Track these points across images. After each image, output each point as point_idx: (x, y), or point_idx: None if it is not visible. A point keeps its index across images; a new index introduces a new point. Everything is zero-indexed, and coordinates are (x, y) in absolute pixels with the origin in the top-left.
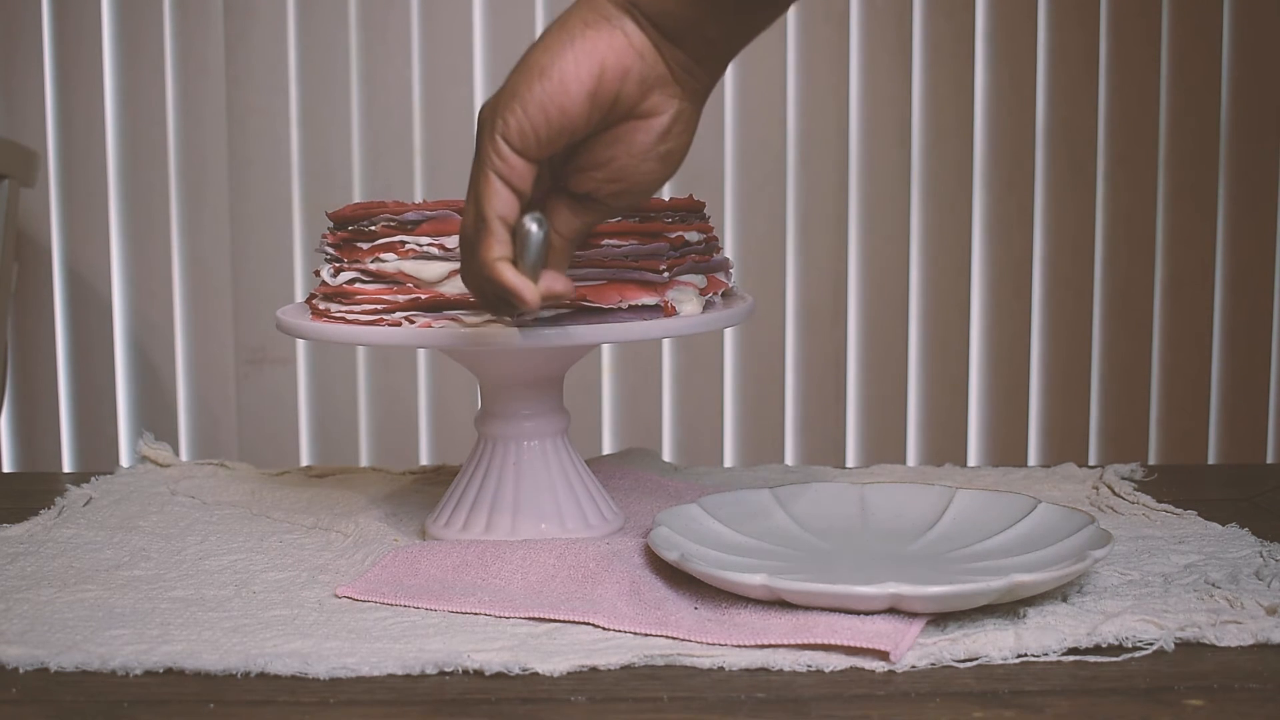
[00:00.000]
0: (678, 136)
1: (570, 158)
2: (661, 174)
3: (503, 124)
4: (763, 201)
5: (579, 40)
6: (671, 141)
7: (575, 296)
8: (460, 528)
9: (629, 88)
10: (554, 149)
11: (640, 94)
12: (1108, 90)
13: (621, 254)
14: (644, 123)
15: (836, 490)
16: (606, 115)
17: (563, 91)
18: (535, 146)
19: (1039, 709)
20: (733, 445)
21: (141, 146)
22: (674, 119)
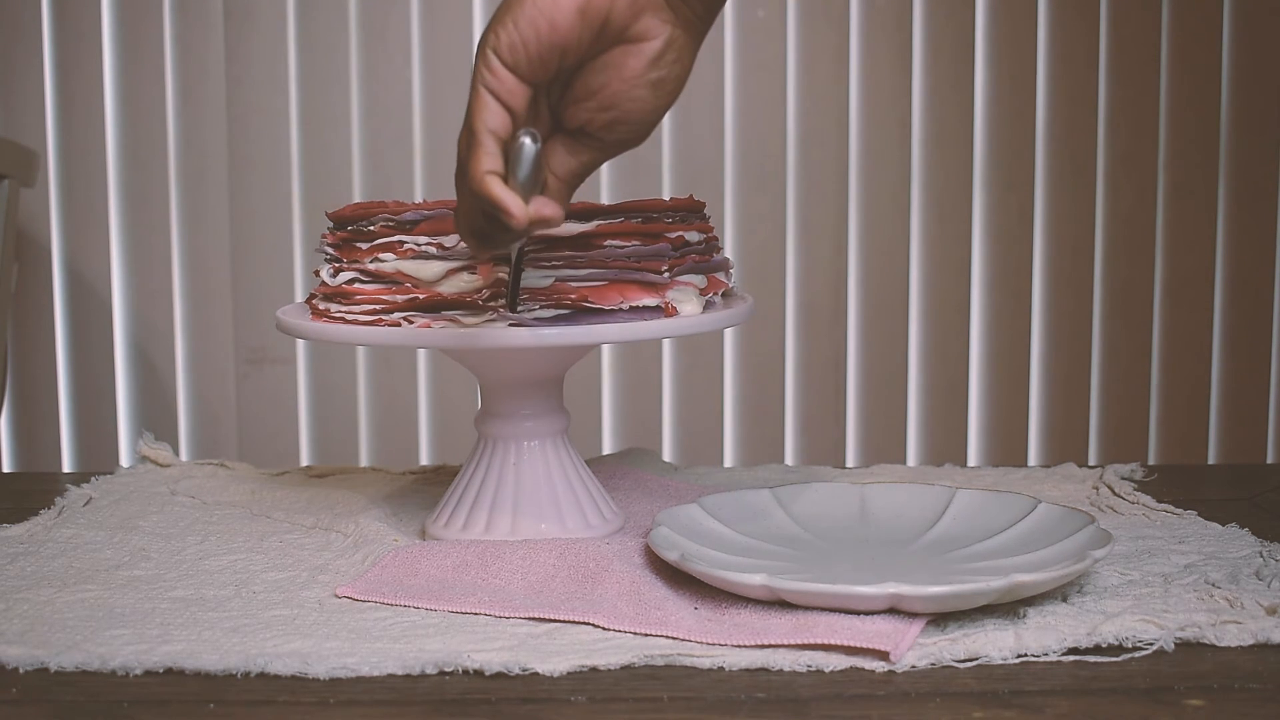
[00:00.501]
0: (670, 65)
1: (564, 92)
2: (654, 104)
3: (494, 38)
4: (763, 201)
5: None
6: (664, 69)
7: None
8: (460, 528)
9: (619, 7)
10: (546, 69)
11: (631, 15)
12: (1108, 90)
13: (624, 255)
14: (635, 47)
15: (836, 490)
16: (598, 36)
17: (553, 5)
18: (526, 62)
19: (1039, 709)
20: (733, 445)
21: (141, 146)
22: (666, 45)
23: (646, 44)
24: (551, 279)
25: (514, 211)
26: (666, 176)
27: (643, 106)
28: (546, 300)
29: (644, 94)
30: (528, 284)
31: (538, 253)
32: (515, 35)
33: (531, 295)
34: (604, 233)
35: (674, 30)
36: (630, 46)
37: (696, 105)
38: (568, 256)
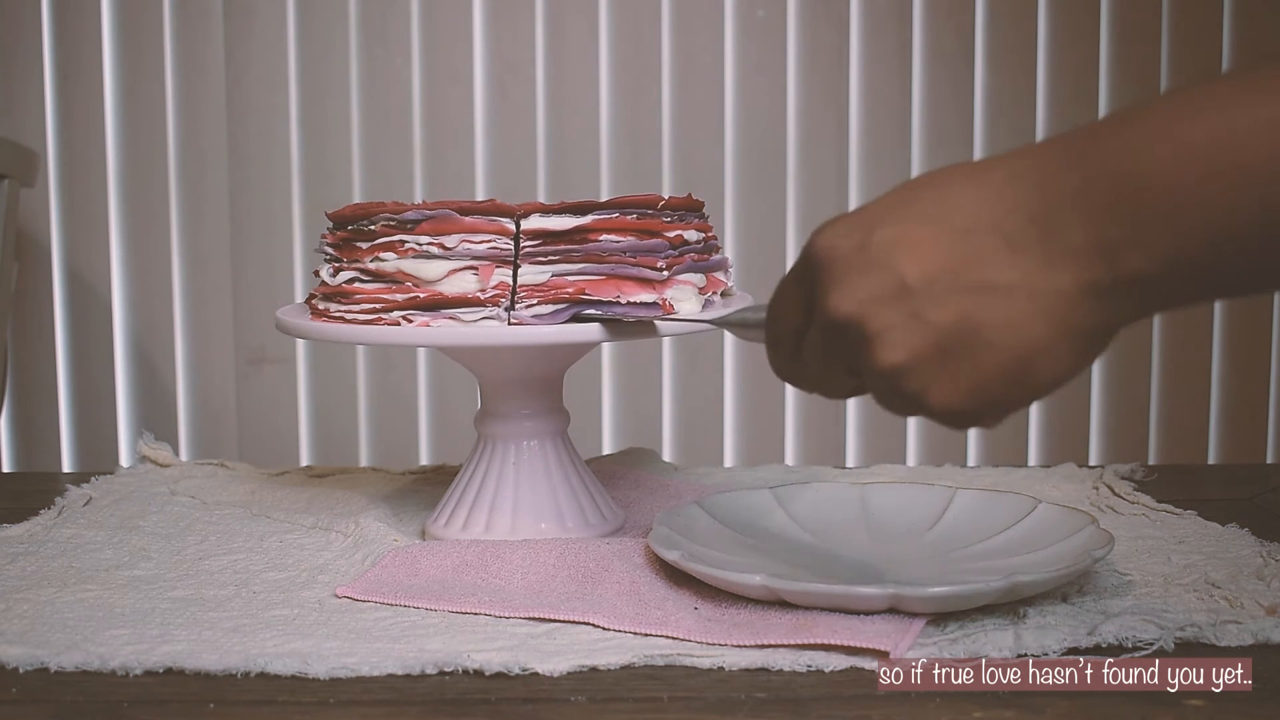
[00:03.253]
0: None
1: None
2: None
3: (931, 395)
4: (763, 201)
5: (1078, 351)
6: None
7: (575, 291)
8: (460, 528)
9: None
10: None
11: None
12: (1108, 90)
13: (620, 249)
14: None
15: (836, 490)
16: None
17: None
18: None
19: (1039, 709)
20: (733, 445)
21: (141, 146)
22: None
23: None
24: (548, 274)
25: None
26: (666, 176)
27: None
28: (544, 296)
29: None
30: (524, 280)
31: (533, 248)
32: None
33: (529, 292)
34: (599, 227)
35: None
36: None
37: (696, 105)
38: (563, 251)
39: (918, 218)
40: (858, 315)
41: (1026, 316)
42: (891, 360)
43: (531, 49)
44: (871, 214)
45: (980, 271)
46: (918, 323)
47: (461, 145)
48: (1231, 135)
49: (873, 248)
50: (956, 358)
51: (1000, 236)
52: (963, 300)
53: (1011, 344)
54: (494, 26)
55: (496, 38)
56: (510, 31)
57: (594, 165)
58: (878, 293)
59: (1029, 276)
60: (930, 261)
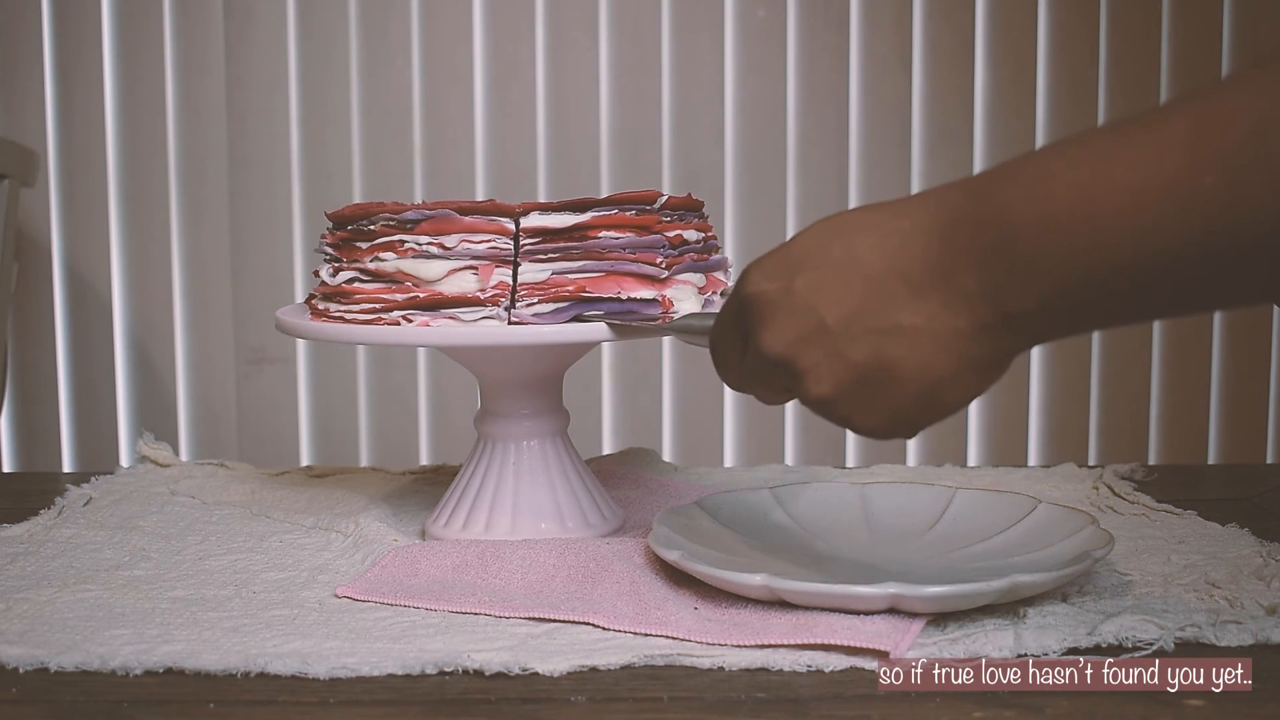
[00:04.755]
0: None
1: None
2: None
3: (845, 416)
4: (763, 201)
5: (979, 377)
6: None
7: (576, 288)
8: (460, 528)
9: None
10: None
11: None
12: (1107, 90)
13: (619, 246)
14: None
15: (836, 490)
16: None
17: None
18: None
19: (1039, 709)
20: (733, 445)
21: (141, 146)
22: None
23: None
24: (548, 272)
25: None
26: (666, 176)
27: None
28: (544, 294)
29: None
30: (524, 279)
31: (533, 246)
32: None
33: (529, 290)
34: (598, 224)
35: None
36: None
37: (696, 105)
38: (563, 249)
39: (833, 264)
40: (787, 354)
41: (931, 353)
42: (819, 393)
43: (531, 49)
44: (793, 258)
45: (889, 315)
46: (839, 360)
47: (461, 145)
48: (1087, 197)
49: (795, 292)
50: (875, 389)
51: (905, 283)
52: (875, 340)
53: (920, 376)
54: (494, 26)
55: (496, 38)
56: (510, 31)
57: (594, 165)
58: (802, 333)
59: (931, 319)
60: (845, 305)
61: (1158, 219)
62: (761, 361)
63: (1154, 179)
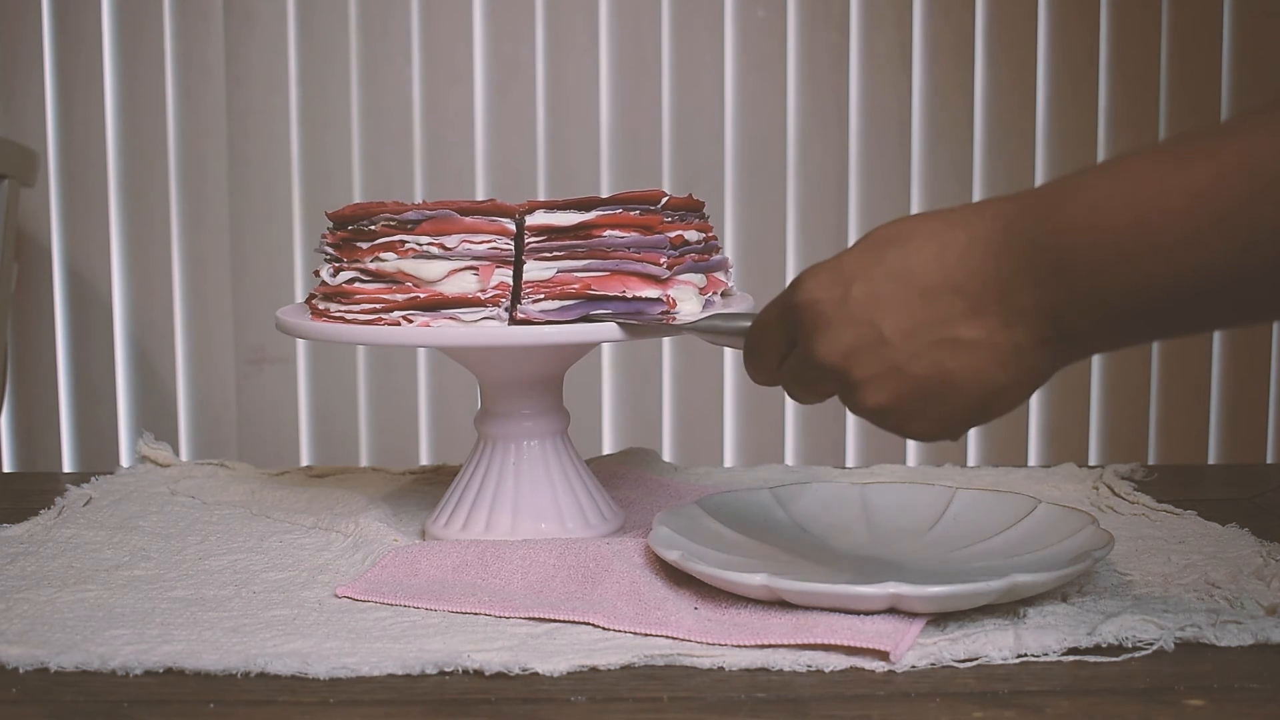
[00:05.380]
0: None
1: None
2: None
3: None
4: (763, 201)
5: (1031, 387)
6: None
7: (581, 287)
8: (460, 528)
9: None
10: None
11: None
12: (1108, 90)
13: (624, 245)
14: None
15: (836, 490)
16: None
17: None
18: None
19: (1039, 709)
20: (733, 445)
21: (141, 146)
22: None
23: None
24: (553, 270)
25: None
26: (666, 176)
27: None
28: (550, 291)
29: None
30: (529, 277)
31: (538, 244)
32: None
33: (534, 288)
34: (602, 223)
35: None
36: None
37: (696, 105)
38: (568, 247)
39: (888, 276)
40: (842, 364)
41: (989, 365)
42: (875, 402)
43: (531, 49)
44: (847, 268)
45: (949, 329)
46: (897, 372)
47: (461, 145)
48: (1145, 224)
49: (851, 303)
50: (931, 399)
51: (963, 297)
52: (935, 352)
53: (977, 388)
54: (494, 26)
55: (496, 38)
56: (510, 31)
57: (594, 165)
58: (859, 344)
59: (990, 333)
60: (905, 319)
61: (1217, 245)
62: (811, 368)
63: (1213, 207)
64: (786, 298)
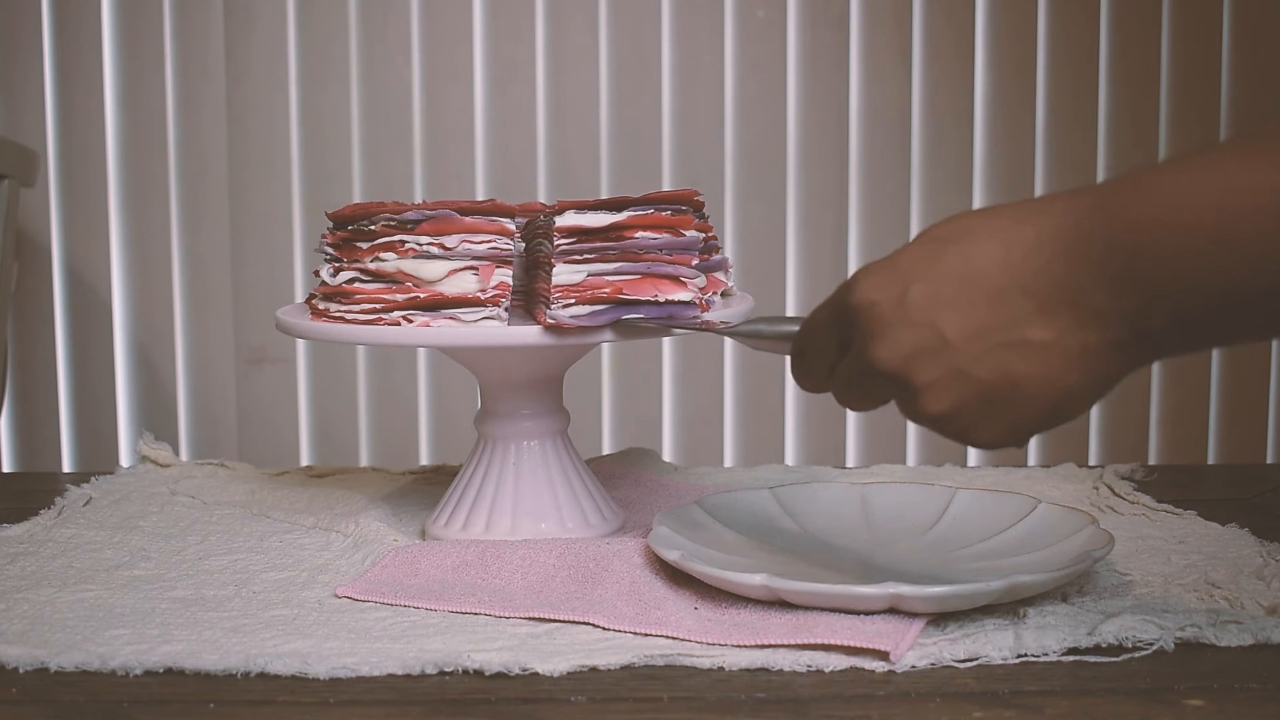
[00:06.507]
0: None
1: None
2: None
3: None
4: (762, 201)
5: (1103, 390)
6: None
7: (613, 291)
8: (460, 528)
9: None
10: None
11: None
12: (1108, 90)
13: (656, 246)
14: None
15: (836, 490)
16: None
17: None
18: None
19: (1039, 709)
20: (733, 445)
21: (141, 146)
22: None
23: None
24: (583, 274)
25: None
26: (666, 176)
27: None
28: (581, 296)
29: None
30: (558, 281)
31: (568, 246)
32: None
33: (564, 292)
34: (634, 224)
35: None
36: None
37: (696, 105)
38: (599, 249)
39: (949, 275)
40: (901, 369)
41: (1059, 368)
42: (937, 409)
43: (531, 49)
44: (905, 268)
45: (1016, 331)
46: (961, 377)
47: (461, 145)
48: (1224, 222)
49: (910, 304)
50: (998, 404)
51: (1031, 298)
52: (1001, 355)
53: (1048, 392)
54: (494, 26)
55: (496, 38)
56: (510, 31)
57: (594, 165)
58: (920, 348)
59: (1062, 336)
60: (969, 321)
61: None
62: (866, 374)
63: None
64: (839, 300)
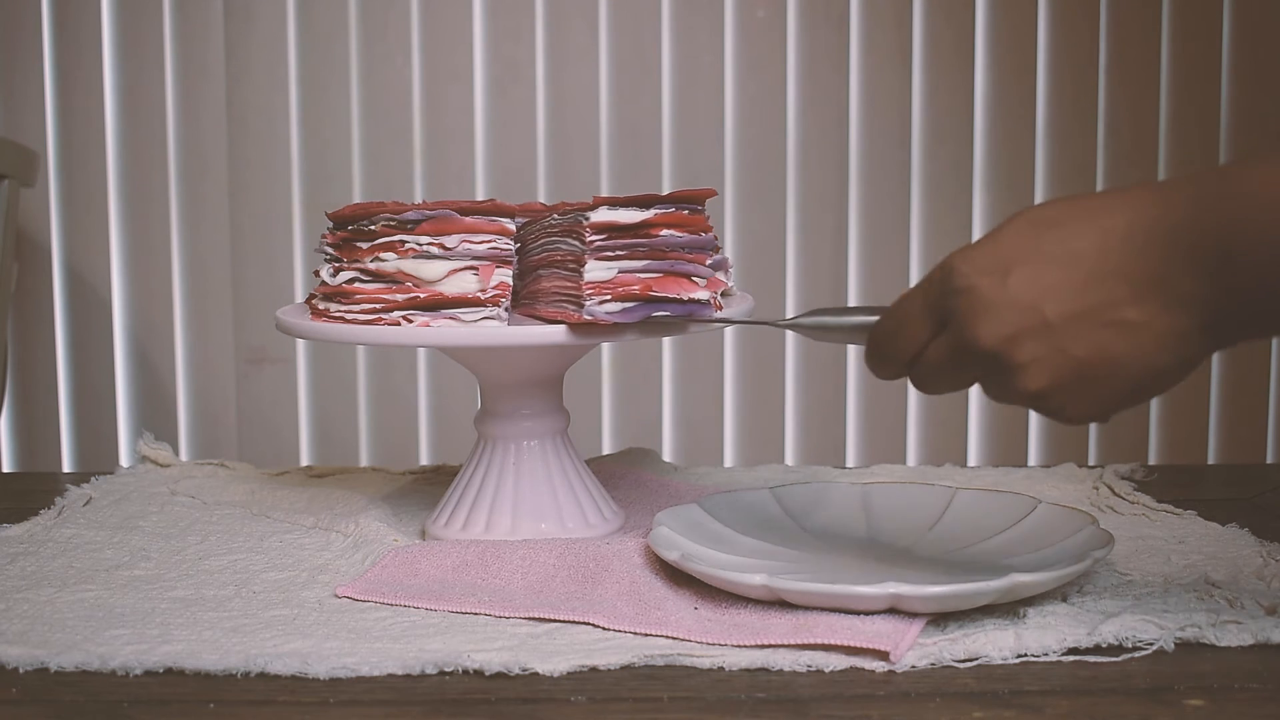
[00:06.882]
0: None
1: None
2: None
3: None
4: (762, 201)
5: (1186, 371)
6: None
7: (643, 288)
8: (460, 528)
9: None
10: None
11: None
12: (1108, 90)
13: (680, 245)
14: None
15: (836, 490)
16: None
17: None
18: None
19: (1039, 709)
20: (733, 445)
21: (141, 146)
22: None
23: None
24: (614, 271)
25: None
26: (666, 176)
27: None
28: (615, 293)
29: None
30: (591, 278)
31: (601, 243)
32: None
33: (597, 289)
34: (659, 222)
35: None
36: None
37: (697, 105)
38: (629, 246)
39: (1049, 259)
40: (1004, 348)
41: (1152, 349)
42: (1035, 386)
43: (531, 49)
44: (1005, 252)
45: (1114, 312)
46: (1060, 355)
47: (461, 145)
48: None
49: (1012, 287)
50: (1092, 382)
51: (1125, 283)
52: (1099, 335)
53: (1139, 370)
54: (494, 26)
55: (496, 38)
56: (510, 31)
57: (594, 165)
58: (1023, 328)
59: (1153, 318)
60: (1069, 303)
61: None
62: (964, 354)
63: None
64: (938, 286)
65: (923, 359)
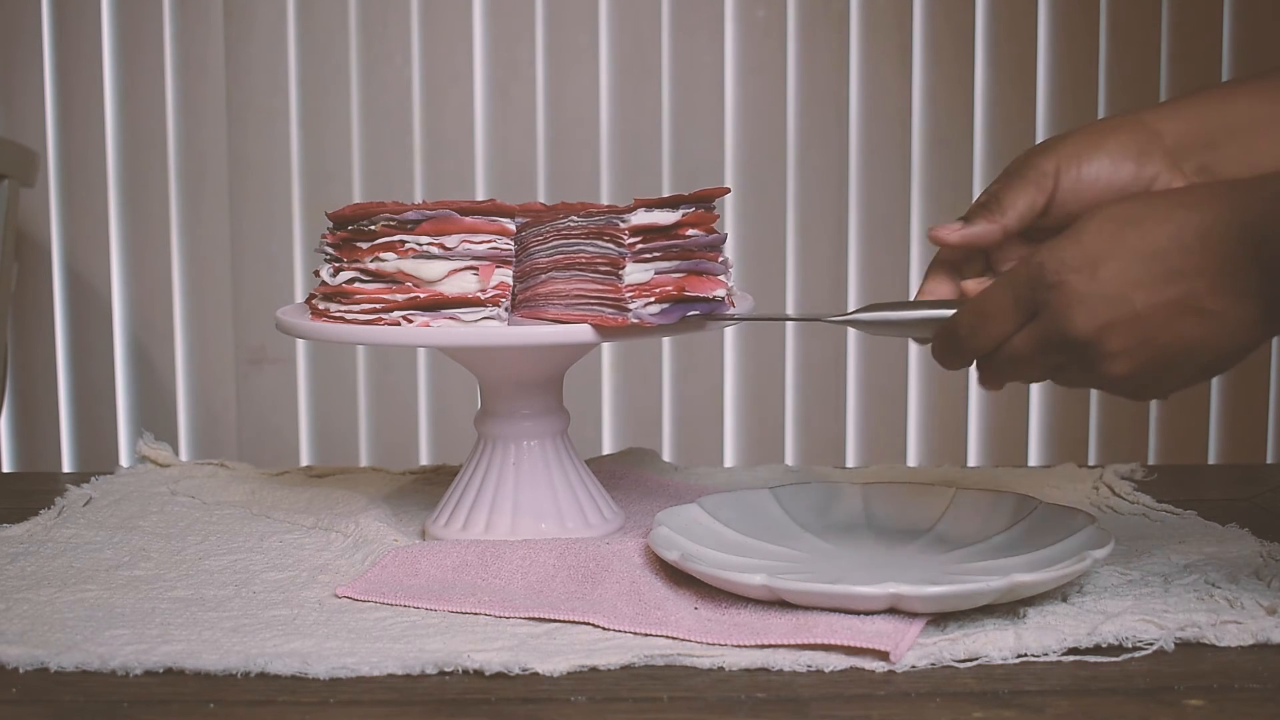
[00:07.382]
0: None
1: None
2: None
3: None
4: (762, 201)
5: (1244, 357)
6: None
7: (676, 289)
8: (460, 528)
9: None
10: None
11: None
12: (1107, 90)
13: (704, 244)
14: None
15: (836, 490)
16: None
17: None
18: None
19: (1039, 709)
20: (733, 445)
21: (141, 146)
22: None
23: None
24: (650, 272)
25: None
26: (666, 176)
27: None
28: (650, 293)
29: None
30: (631, 280)
31: (641, 246)
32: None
33: (637, 291)
34: (685, 222)
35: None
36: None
37: (696, 105)
38: (663, 248)
39: (1133, 254)
40: (1096, 337)
41: (1223, 336)
42: (1122, 372)
43: (531, 49)
44: (1091, 248)
45: (1194, 302)
46: (1148, 344)
47: (461, 145)
48: None
49: (1102, 280)
50: (1171, 366)
51: (1202, 276)
52: (1181, 324)
53: (1211, 355)
54: (494, 26)
55: (496, 38)
56: (510, 31)
57: (594, 165)
58: (1114, 318)
59: (1227, 308)
60: (1156, 295)
61: None
62: (1054, 343)
63: None
64: (1028, 281)
65: (1004, 350)
